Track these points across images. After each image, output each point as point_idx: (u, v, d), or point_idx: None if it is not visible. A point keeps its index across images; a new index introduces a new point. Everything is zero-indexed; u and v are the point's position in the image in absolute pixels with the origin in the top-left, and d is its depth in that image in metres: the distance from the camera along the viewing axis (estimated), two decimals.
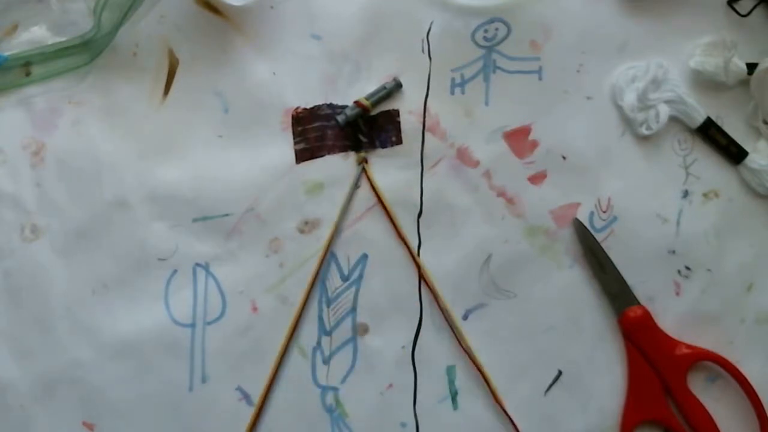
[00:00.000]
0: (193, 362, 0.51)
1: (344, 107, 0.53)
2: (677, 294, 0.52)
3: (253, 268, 0.51)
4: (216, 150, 0.52)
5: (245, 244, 0.52)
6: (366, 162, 0.52)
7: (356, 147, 0.52)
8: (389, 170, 0.52)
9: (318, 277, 0.51)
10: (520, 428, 0.50)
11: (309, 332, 0.51)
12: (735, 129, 0.52)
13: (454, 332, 0.51)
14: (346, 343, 0.51)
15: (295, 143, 0.52)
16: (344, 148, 0.53)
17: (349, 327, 0.51)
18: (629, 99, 0.52)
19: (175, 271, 0.51)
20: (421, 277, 0.51)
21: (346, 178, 0.52)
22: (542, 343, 0.51)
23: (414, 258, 0.51)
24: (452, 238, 0.52)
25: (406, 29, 0.53)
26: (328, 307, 0.51)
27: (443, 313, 0.51)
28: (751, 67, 0.52)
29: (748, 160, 0.52)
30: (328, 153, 0.52)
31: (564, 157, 0.52)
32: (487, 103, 0.53)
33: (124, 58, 0.53)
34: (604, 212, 0.52)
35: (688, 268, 0.52)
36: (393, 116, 0.53)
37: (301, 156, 0.52)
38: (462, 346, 0.51)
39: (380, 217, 0.52)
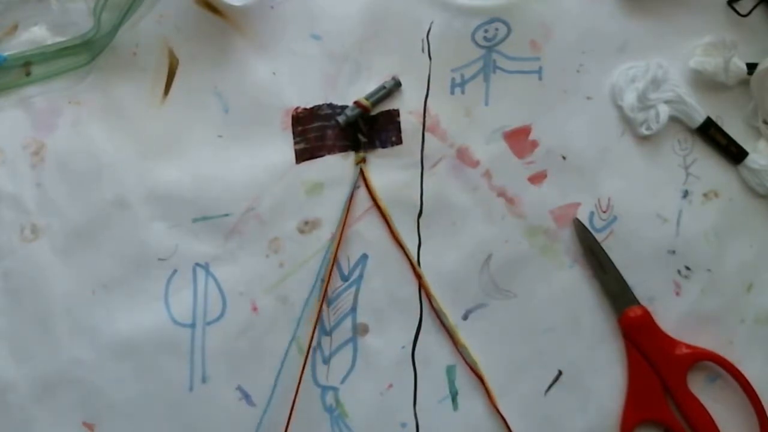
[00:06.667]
0: (193, 362, 0.51)
1: (344, 107, 0.53)
2: (677, 294, 0.52)
3: (253, 268, 0.51)
4: (216, 150, 0.52)
5: (245, 244, 0.52)
6: (364, 162, 0.52)
7: (356, 147, 0.52)
8: (389, 170, 0.52)
9: (329, 281, 0.51)
10: (519, 429, 0.50)
11: (309, 332, 0.51)
12: (735, 129, 0.52)
13: (450, 334, 0.51)
14: (346, 343, 0.51)
15: (295, 143, 0.52)
16: (344, 148, 0.53)
17: (349, 327, 0.51)
18: (629, 99, 0.52)
19: (175, 271, 0.51)
20: (420, 282, 0.51)
21: (346, 178, 0.52)
22: (542, 343, 0.51)
23: (411, 262, 0.51)
24: (452, 238, 0.52)
25: (406, 29, 0.53)
26: (328, 307, 0.51)
27: (438, 316, 0.51)
28: (751, 67, 0.52)
29: (748, 160, 0.52)
30: (328, 153, 0.52)
31: (564, 157, 0.52)
32: (487, 103, 0.53)
33: (124, 58, 0.53)
34: (604, 212, 0.52)
35: (688, 268, 0.52)
36: (393, 116, 0.53)
37: (301, 156, 0.52)
38: (458, 349, 0.51)
39: (380, 217, 0.52)
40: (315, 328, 0.51)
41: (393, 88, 0.52)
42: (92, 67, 0.53)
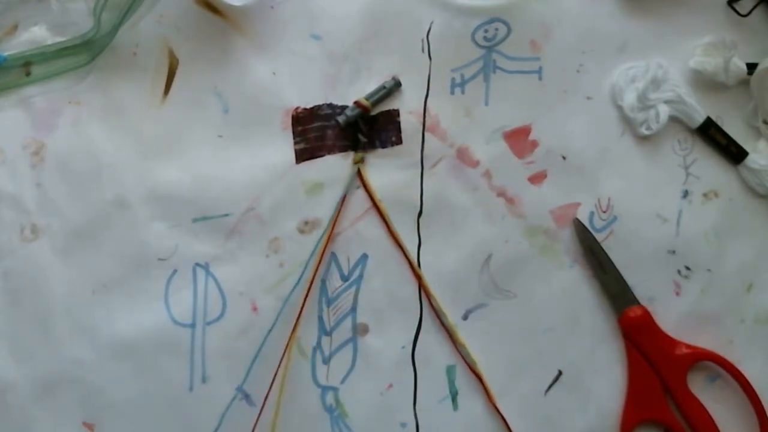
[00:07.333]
0: (193, 362, 0.51)
1: (344, 107, 0.53)
2: (677, 294, 0.52)
3: (253, 268, 0.51)
4: (216, 150, 0.52)
5: (245, 244, 0.52)
6: (362, 162, 0.52)
7: (356, 147, 0.52)
8: (389, 170, 0.52)
9: (316, 279, 0.51)
10: (519, 429, 0.50)
11: (309, 332, 0.51)
12: (735, 129, 0.52)
13: (449, 334, 0.51)
14: (346, 343, 0.51)
15: (295, 143, 0.52)
16: (344, 148, 0.53)
17: (349, 327, 0.51)
18: (629, 99, 0.52)
19: (175, 271, 0.51)
20: (420, 282, 0.51)
21: (346, 178, 0.52)
22: (542, 343, 0.51)
23: (411, 262, 0.51)
24: (452, 238, 0.52)
25: (406, 29, 0.53)
26: (328, 307, 0.51)
27: (438, 316, 0.51)
28: (751, 67, 0.52)
29: (748, 160, 0.52)
30: (328, 153, 0.52)
31: (564, 157, 0.52)
32: (487, 103, 0.53)
33: (124, 58, 0.53)
34: (604, 212, 0.52)
35: (688, 268, 0.52)
36: (393, 116, 0.53)
37: (301, 156, 0.52)
38: (457, 349, 0.51)
39: (380, 217, 0.52)
40: (296, 326, 0.51)
41: (393, 88, 0.52)
42: (92, 67, 0.53)
